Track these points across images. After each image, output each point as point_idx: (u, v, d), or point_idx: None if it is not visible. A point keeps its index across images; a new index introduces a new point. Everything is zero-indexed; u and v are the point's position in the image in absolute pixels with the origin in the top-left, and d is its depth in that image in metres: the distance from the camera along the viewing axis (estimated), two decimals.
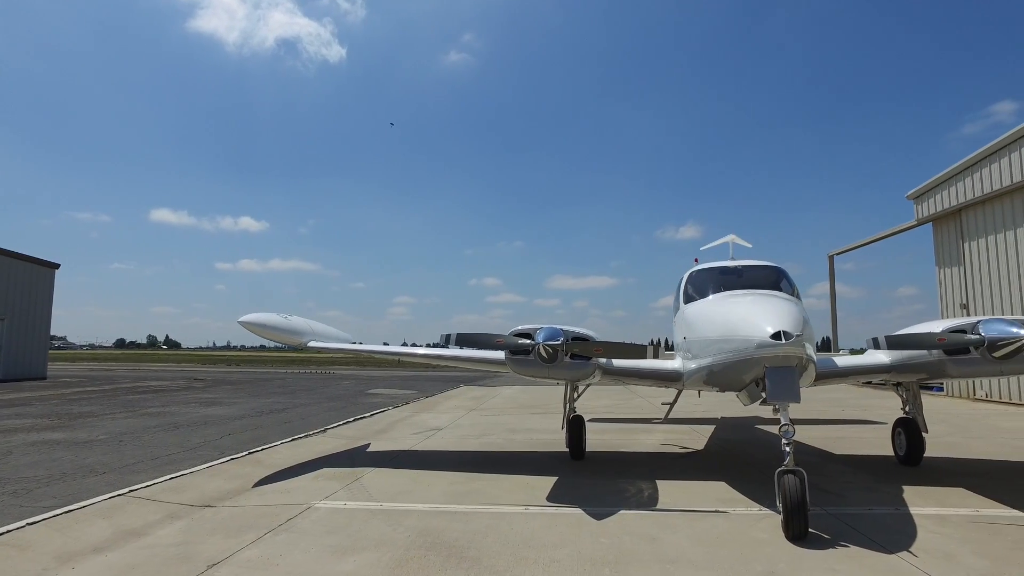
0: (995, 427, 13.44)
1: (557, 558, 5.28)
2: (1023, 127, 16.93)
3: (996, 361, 6.92)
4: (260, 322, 9.99)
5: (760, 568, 4.98)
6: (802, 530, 5.59)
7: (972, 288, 19.94)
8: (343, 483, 8.29)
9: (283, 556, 5.38)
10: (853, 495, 7.41)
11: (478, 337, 8.08)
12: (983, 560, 5.13)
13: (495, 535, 5.94)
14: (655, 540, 5.73)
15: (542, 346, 7.56)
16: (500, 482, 8.33)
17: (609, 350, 7.72)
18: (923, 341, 7.26)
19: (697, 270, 9.16)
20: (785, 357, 6.16)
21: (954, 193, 19.94)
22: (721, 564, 5.08)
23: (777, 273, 8.73)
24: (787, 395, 6.16)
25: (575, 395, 10.20)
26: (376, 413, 16.96)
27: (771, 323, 6.14)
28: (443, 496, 7.57)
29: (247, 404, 19.18)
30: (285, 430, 13.38)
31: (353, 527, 6.23)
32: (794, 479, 5.71)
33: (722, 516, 6.52)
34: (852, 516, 6.47)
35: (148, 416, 15.50)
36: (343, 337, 11.86)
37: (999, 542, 5.58)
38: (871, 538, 5.68)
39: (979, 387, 19.63)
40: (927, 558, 5.17)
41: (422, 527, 6.21)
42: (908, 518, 6.35)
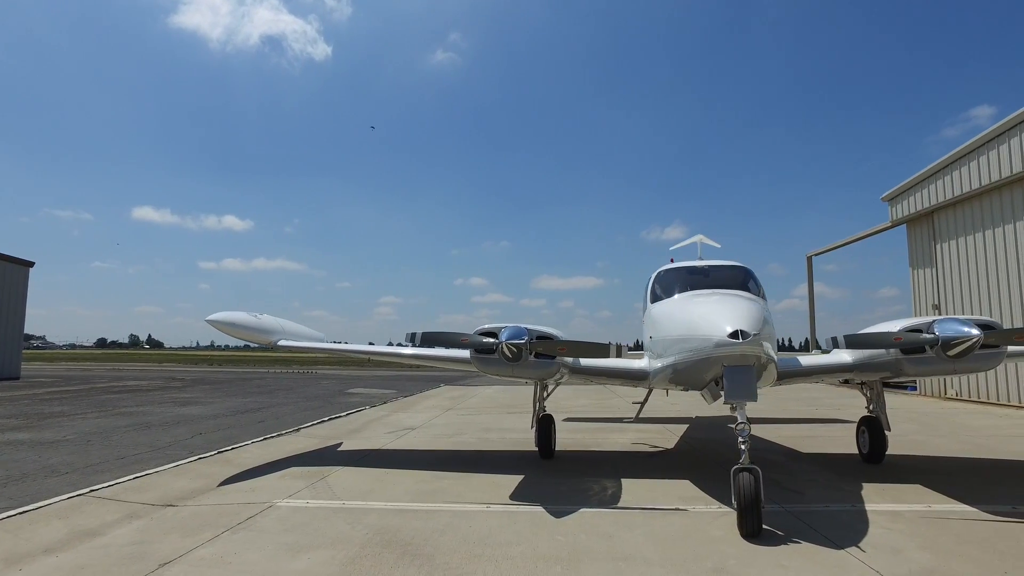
0: (961, 425, 13.67)
1: (511, 555, 5.30)
2: (991, 131, 17.23)
3: (950, 360, 7.04)
4: (228, 320, 9.92)
5: (711, 564, 5.03)
6: (755, 527, 5.65)
7: (944, 289, 20.27)
8: (308, 482, 8.26)
9: (237, 554, 5.36)
10: (814, 492, 7.50)
11: (443, 336, 8.09)
12: (927, 554, 5.22)
13: (452, 533, 5.95)
14: (611, 538, 5.77)
15: (505, 345, 7.58)
16: (465, 481, 8.34)
17: (573, 349, 7.75)
18: (880, 340, 7.38)
19: (664, 270, 9.23)
20: (743, 356, 6.23)
21: (927, 195, 20.25)
22: (673, 561, 5.13)
23: (743, 273, 8.82)
24: (744, 394, 6.24)
25: (544, 394, 10.22)
26: (352, 413, 16.90)
27: (730, 322, 6.20)
28: (407, 495, 7.58)
29: (223, 404, 19.03)
30: (258, 429, 13.30)
31: (312, 525, 6.22)
32: (749, 477, 5.78)
33: (681, 514, 6.58)
34: (809, 513, 6.55)
35: (120, 416, 15.33)
36: (316, 336, 11.80)
37: (945, 536, 5.68)
38: (824, 535, 5.76)
39: (950, 387, 19.95)
40: (875, 553, 5.25)
41: (381, 525, 6.21)
42: (863, 514, 6.45)
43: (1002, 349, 7.15)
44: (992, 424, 13.89)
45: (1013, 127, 16.57)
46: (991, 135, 17.33)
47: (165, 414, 15.88)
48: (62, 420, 14.45)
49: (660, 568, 4.98)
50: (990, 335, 6.91)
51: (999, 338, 6.94)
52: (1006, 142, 16.90)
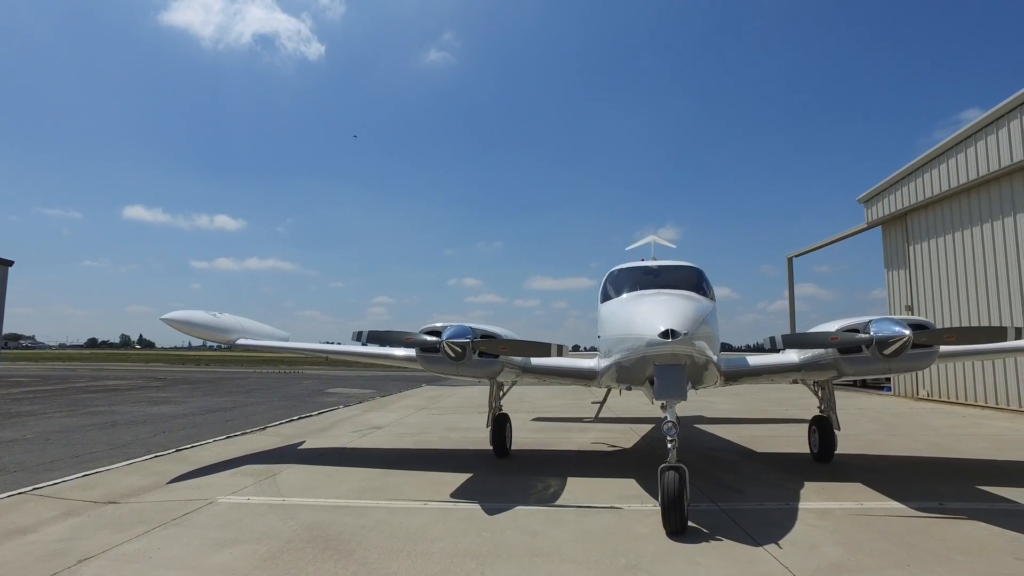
0: (923, 424, 13.78)
1: (431, 551, 5.35)
2: (960, 134, 17.38)
3: (885, 359, 7.12)
4: (185, 319, 9.93)
5: (624, 561, 5.09)
6: (678, 525, 5.69)
7: (916, 290, 20.42)
8: (257, 479, 8.31)
9: (161, 550, 5.39)
10: (754, 491, 7.57)
11: (389, 335, 8.14)
12: (841, 549, 5.30)
13: (382, 529, 6.00)
14: (537, 535, 5.82)
15: (447, 343, 7.64)
16: (412, 478, 8.39)
17: (514, 348, 7.81)
18: (817, 340, 7.46)
19: (616, 270, 9.30)
20: (673, 355, 6.29)
21: (900, 197, 20.40)
22: (589, 557, 5.19)
23: (692, 274, 8.89)
24: (673, 393, 6.30)
25: (500, 393, 10.27)
26: (324, 412, 16.92)
27: (663, 321, 6.25)
28: (350, 492, 7.62)
29: (197, 403, 19.02)
30: (224, 428, 13.31)
31: (245, 521, 6.26)
32: (674, 475, 5.83)
33: (614, 512, 6.63)
34: (742, 511, 6.61)
35: (89, 415, 15.32)
36: (279, 335, 11.82)
37: (865, 532, 5.76)
38: (748, 532, 5.82)
39: (921, 387, 20.10)
40: (790, 549, 5.33)
41: (314, 521, 6.26)
42: (794, 512, 6.51)
43: (934, 349, 7.24)
44: (953, 423, 14.01)
45: (980, 130, 16.72)
46: (960, 138, 17.49)
47: (134, 413, 15.88)
48: (27, 419, 14.42)
49: (573, 564, 5.04)
50: (921, 334, 7.00)
51: (930, 338, 7.03)
52: (973, 145, 17.06)
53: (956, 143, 17.68)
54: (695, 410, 17.19)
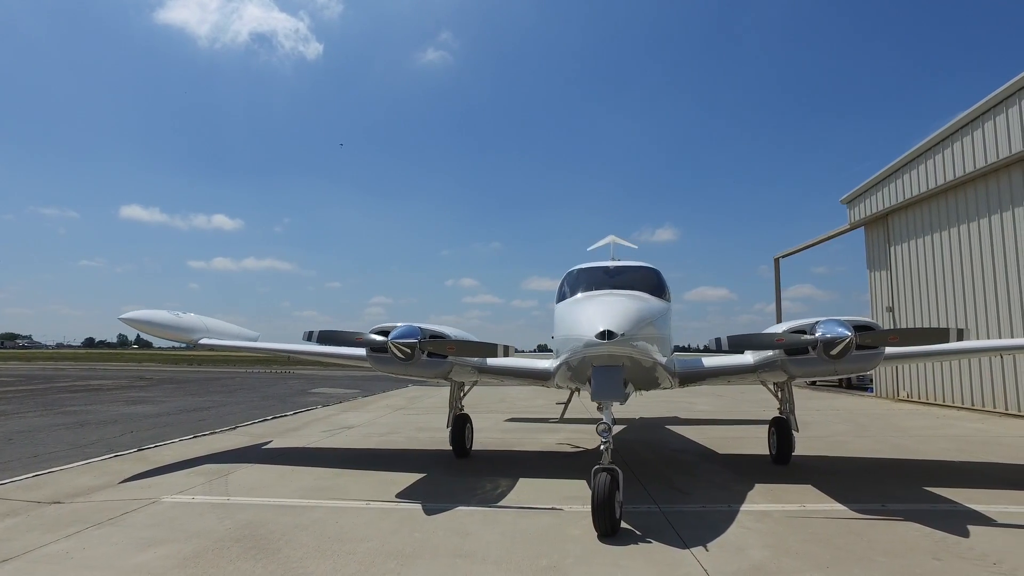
0: (895, 426, 13.75)
1: (356, 551, 5.34)
2: (939, 134, 17.35)
3: (831, 360, 7.10)
4: (144, 319, 9.92)
5: (546, 563, 5.07)
6: (608, 527, 5.64)
7: (897, 291, 20.40)
8: (209, 478, 8.31)
9: (86, 550, 5.38)
10: (701, 493, 7.53)
11: (339, 335, 8.13)
12: (767, 552, 5.27)
13: (316, 529, 5.99)
14: (468, 536, 5.80)
15: (393, 344, 7.62)
16: (365, 478, 8.38)
17: (461, 348, 7.79)
18: (763, 342, 7.44)
19: (573, 270, 9.27)
20: (610, 356, 6.28)
21: (881, 198, 20.37)
22: (511, 558, 5.17)
23: (646, 274, 8.86)
24: (609, 394, 6.28)
25: (460, 394, 10.25)
26: (300, 412, 16.91)
27: (601, 322, 6.21)
28: (298, 491, 7.62)
29: (175, 403, 19.02)
30: (195, 427, 13.30)
31: (181, 521, 6.25)
32: (605, 477, 5.79)
33: (553, 513, 6.61)
34: (681, 513, 6.57)
35: (62, 415, 15.32)
36: (246, 335, 11.78)
37: (798, 535, 5.73)
38: (681, 534, 5.78)
39: (902, 388, 20.07)
40: (717, 552, 5.30)
41: (251, 520, 6.25)
42: (733, 515, 6.47)
43: (880, 350, 7.22)
44: (925, 424, 13.99)
45: (958, 131, 16.69)
46: (938, 139, 17.46)
47: (108, 413, 15.88)
48: None
49: (493, 565, 5.02)
50: (865, 336, 6.99)
51: (875, 339, 7.01)
52: (950, 147, 17.03)
53: (934, 144, 17.66)
54: (671, 411, 17.20)
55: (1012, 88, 14.72)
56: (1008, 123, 14.93)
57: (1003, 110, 15.09)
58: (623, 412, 16.57)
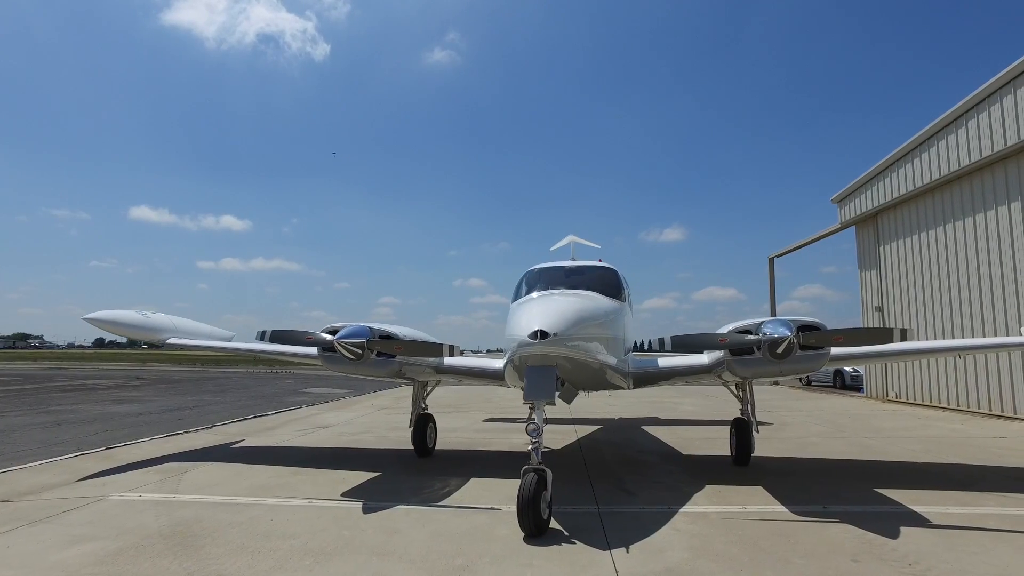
0: (872, 427, 13.61)
1: (277, 548, 5.37)
2: (925, 132, 17.16)
3: (776, 360, 7.05)
4: (109, 319, 10.00)
5: (460, 562, 5.07)
6: (532, 527, 5.61)
7: (886, 291, 20.20)
8: (165, 476, 8.40)
9: (10, 548, 5.44)
10: (647, 495, 7.48)
11: (291, 334, 8.18)
12: (687, 553, 5.24)
13: (249, 526, 6.03)
14: (395, 534, 5.82)
15: (339, 344, 7.66)
16: (319, 476, 8.43)
17: (409, 349, 7.81)
18: (707, 342, 7.40)
19: (530, 269, 9.27)
20: (542, 356, 6.26)
21: (870, 197, 20.19)
22: (427, 557, 5.17)
23: (603, 274, 8.84)
24: (540, 394, 6.26)
25: (423, 394, 10.28)
26: (282, 411, 17.02)
27: (536, 322, 6.21)
28: (248, 489, 7.68)
29: (162, 402, 19.20)
30: (172, 426, 13.43)
31: (119, 518, 6.30)
32: (532, 478, 5.77)
33: (490, 513, 6.61)
34: (618, 514, 6.53)
35: (44, 414, 15.51)
36: (218, 335, 11.87)
37: (726, 537, 5.68)
38: (608, 535, 5.75)
39: (891, 388, 19.87)
40: (637, 553, 5.26)
41: (188, 517, 6.30)
42: (670, 516, 6.40)
43: (825, 350, 7.16)
44: (903, 425, 13.84)
45: (943, 128, 16.51)
46: (925, 136, 17.27)
47: (90, 412, 16.06)
48: None
49: (407, 564, 5.03)
50: (809, 336, 6.93)
51: (818, 339, 6.95)
52: (935, 145, 16.85)
53: (921, 142, 17.47)
54: (654, 412, 17.14)
55: (997, 84, 14.53)
56: (990, 121, 14.75)
57: (985, 108, 14.91)
58: (602, 412, 16.58)
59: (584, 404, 18.72)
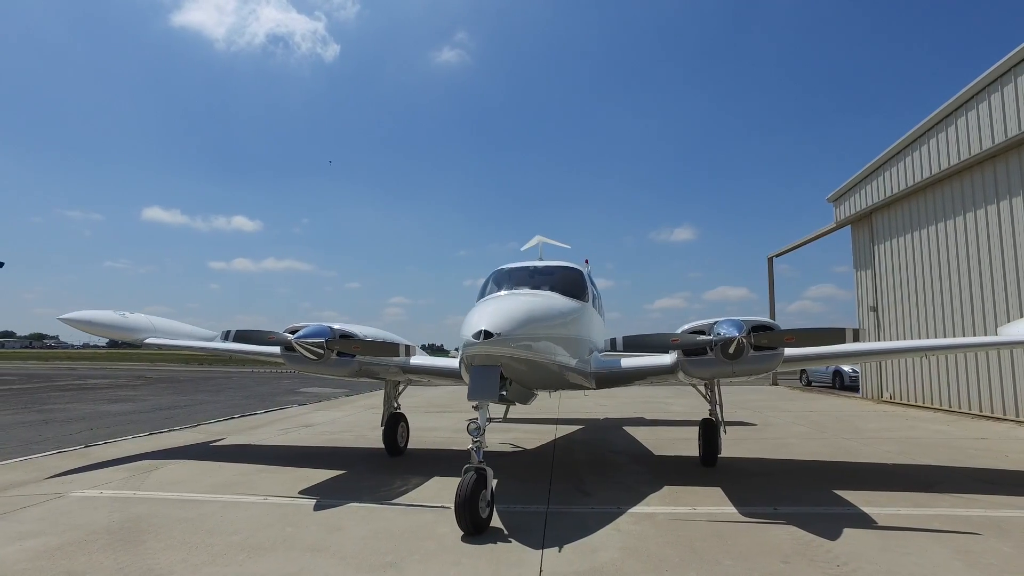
0: (855, 427, 13.47)
1: (215, 544, 5.44)
2: (916, 130, 16.97)
3: (728, 361, 7.03)
4: (85, 319, 10.16)
5: (389, 559, 5.10)
6: (470, 526, 5.62)
7: (881, 290, 19.99)
8: (133, 474, 8.53)
9: None
10: (603, 495, 7.45)
11: (254, 334, 8.28)
12: (619, 554, 5.23)
13: (197, 522, 6.11)
14: (337, 531, 5.87)
15: (297, 343, 7.74)
16: (283, 474, 8.52)
17: (366, 348, 7.87)
18: (658, 343, 7.37)
19: (496, 269, 9.31)
20: (486, 356, 6.29)
21: (865, 196, 19.99)
22: (360, 554, 5.22)
23: (566, 274, 8.85)
24: (483, 394, 6.29)
25: (395, 393, 10.35)
26: (272, 411, 17.17)
27: (482, 322, 6.25)
28: (209, 486, 7.78)
29: (156, 401, 19.45)
30: (159, 424, 13.65)
31: (72, 515, 6.40)
32: (471, 476, 5.80)
33: (437, 511, 6.62)
34: (564, 514, 6.50)
35: (35, 412, 15.78)
36: (199, 334, 12.01)
37: (664, 538, 5.66)
38: (547, 535, 5.74)
39: (885, 389, 19.66)
40: (569, 552, 5.25)
41: (141, 514, 6.40)
42: (616, 516, 6.38)
43: (779, 351, 7.13)
44: (889, 426, 13.69)
45: (935, 125, 16.31)
46: (916, 134, 17.08)
47: (81, 411, 16.31)
48: None
49: (337, 560, 5.08)
50: (760, 336, 6.91)
51: (770, 339, 6.92)
52: (926, 143, 16.66)
53: (912, 140, 17.28)
54: (640, 412, 17.10)
55: (985, 81, 14.35)
56: (978, 118, 14.57)
57: (974, 106, 14.73)
58: (589, 413, 16.57)
59: (573, 405, 18.78)
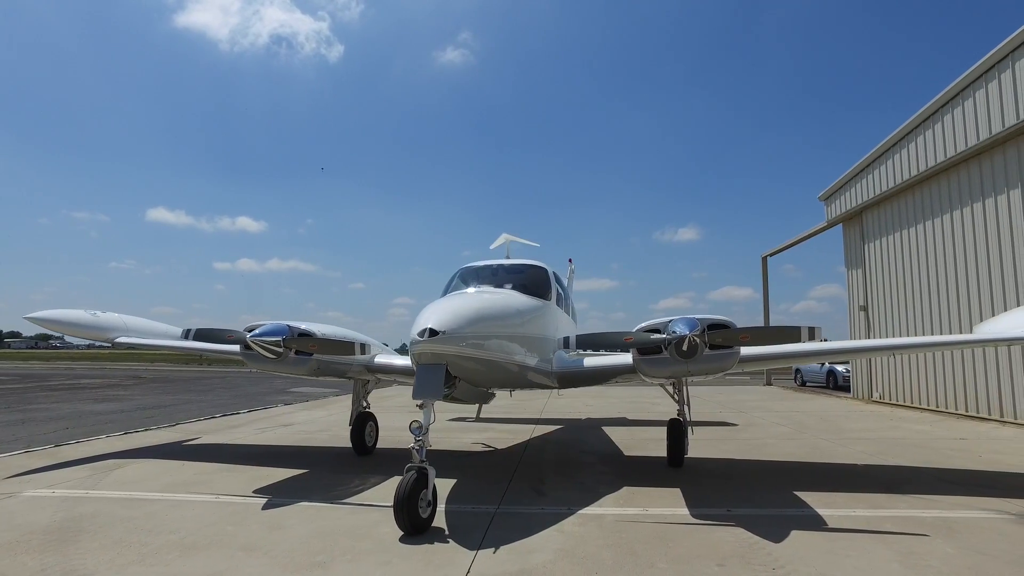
0: (837, 428, 13.31)
1: (151, 543, 5.38)
2: (905, 126, 16.79)
3: (683, 360, 6.92)
4: (52, 318, 10.16)
5: (320, 559, 5.03)
6: (408, 525, 5.54)
7: (871, 289, 19.81)
8: (93, 473, 8.51)
9: None
10: (557, 495, 7.33)
11: (214, 333, 8.23)
12: (552, 555, 5.13)
13: (140, 520, 6.07)
14: (279, 529, 5.82)
15: (253, 341, 7.69)
16: (243, 473, 8.48)
17: (322, 347, 7.82)
18: (612, 341, 7.28)
19: (462, 267, 9.24)
20: (431, 354, 6.22)
21: (855, 194, 19.81)
22: (292, 554, 5.15)
23: (530, 273, 8.77)
24: (428, 393, 6.22)
25: (364, 392, 10.31)
26: (255, 410, 17.16)
27: (430, 320, 6.18)
28: (167, 485, 7.74)
29: (142, 400, 19.49)
30: (138, 424, 13.65)
31: (17, 514, 6.35)
32: (411, 476, 5.74)
33: (384, 511, 6.47)
34: (512, 515, 6.39)
35: (16, 412, 15.82)
36: (172, 333, 11.99)
37: (606, 539, 5.55)
38: (488, 535, 5.64)
39: (875, 389, 19.48)
40: (504, 554, 5.16)
41: (86, 513, 6.36)
42: (561, 517, 6.25)
43: (734, 349, 7.01)
44: (871, 427, 13.52)
45: (923, 122, 16.13)
46: (904, 132, 16.90)
47: (64, 410, 16.35)
48: None
49: (266, 559, 5.01)
50: (715, 334, 6.80)
51: (725, 338, 6.81)
52: (912, 141, 16.48)
53: (900, 138, 17.09)
54: (624, 412, 17.00)
55: (971, 77, 14.17)
56: (964, 114, 14.39)
57: (959, 103, 14.55)
58: (573, 413, 16.46)
59: (560, 404, 18.70)
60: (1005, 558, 5.02)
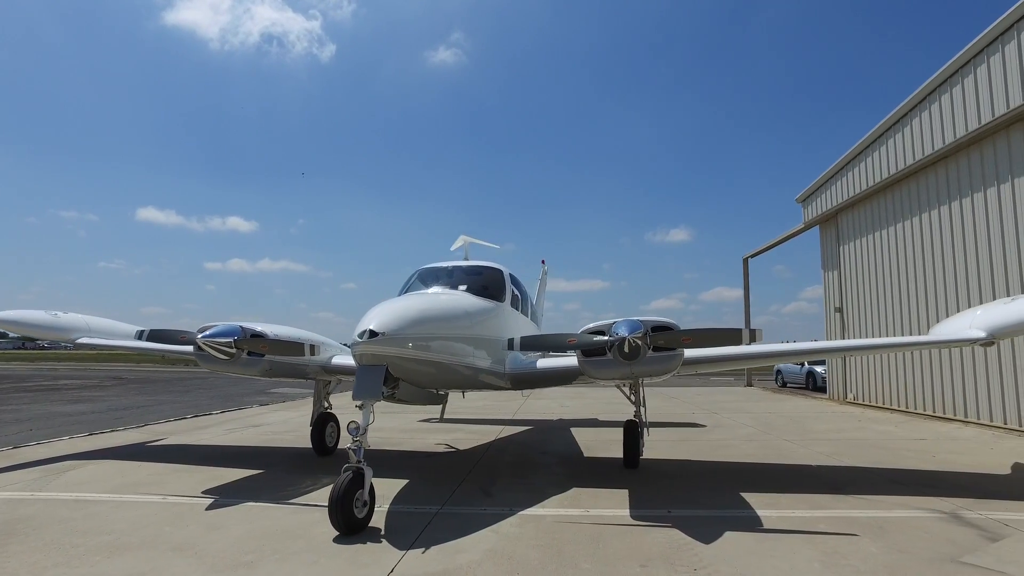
0: (804, 429, 13.40)
1: (82, 544, 5.38)
2: (878, 128, 16.92)
3: (626, 362, 6.95)
4: (11, 319, 10.11)
5: (249, 559, 5.04)
6: (343, 526, 5.56)
7: (846, 291, 19.95)
8: (45, 475, 8.48)
9: None
10: (504, 496, 7.34)
11: (167, 333, 8.24)
12: (480, 555, 5.15)
13: (79, 522, 6.06)
14: (217, 530, 5.83)
15: (204, 343, 7.70)
16: (197, 474, 8.48)
17: (273, 347, 7.82)
18: (555, 343, 7.31)
19: (421, 268, 9.27)
20: (372, 356, 6.25)
21: (830, 196, 19.96)
22: (224, 554, 5.14)
23: (486, 274, 8.80)
24: (367, 393, 6.25)
25: (325, 392, 10.32)
26: (228, 411, 17.13)
27: (372, 321, 6.21)
28: (117, 486, 7.73)
29: (116, 401, 19.41)
30: (105, 425, 13.59)
31: None
32: (347, 476, 5.75)
33: (324, 511, 6.58)
34: (454, 516, 6.41)
35: None
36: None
37: (538, 540, 5.57)
38: (422, 535, 5.65)
39: (848, 390, 19.61)
40: (434, 553, 5.18)
41: (25, 515, 6.34)
42: (500, 518, 6.25)
43: (678, 352, 7.06)
44: (837, 427, 13.62)
45: (894, 124, 16.27)
46: (877, 133, 17.03)
47: (33, 411, 16.28)
48: None
49: (195, 559, 5.02)
50: (657, 336, 6.85)
51: (667, 340, 6.86)
52: (884, 143, 16.62)
53: (873, 140, 17.23)
54: (597, 413, 17.04)
55: (939, 79, 14.30)
56: (931, 118, 14.54)
57: (927, 106, 14.69)
58: (546, 414, 16.49)
59: (537, 406, 18.74)
60: (924, 556, 5.09)
